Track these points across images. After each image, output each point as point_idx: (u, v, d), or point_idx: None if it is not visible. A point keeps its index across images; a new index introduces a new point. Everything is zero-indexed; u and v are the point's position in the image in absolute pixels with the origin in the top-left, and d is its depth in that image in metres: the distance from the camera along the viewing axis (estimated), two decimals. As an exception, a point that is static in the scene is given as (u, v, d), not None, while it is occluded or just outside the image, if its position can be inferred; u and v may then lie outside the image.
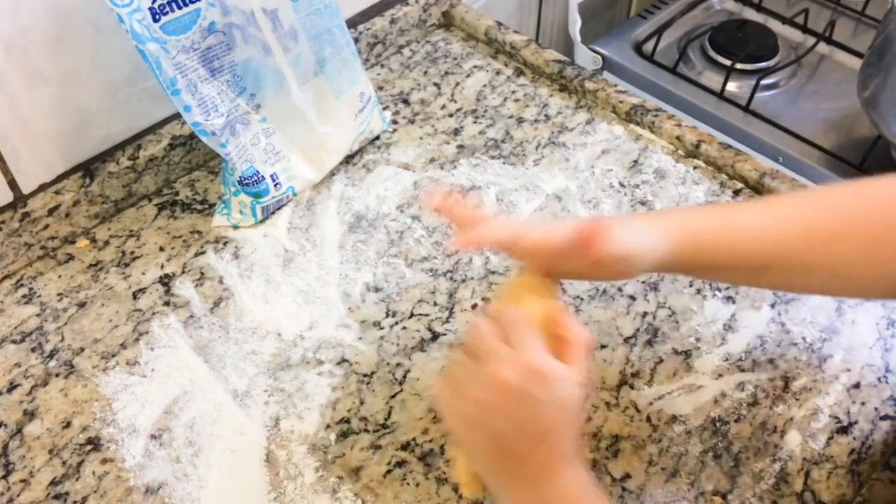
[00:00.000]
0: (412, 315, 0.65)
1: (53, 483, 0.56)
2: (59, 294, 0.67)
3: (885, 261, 0.47)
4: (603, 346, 0.63)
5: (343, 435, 0.58)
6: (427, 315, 0.65)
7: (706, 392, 0.60)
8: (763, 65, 1.02)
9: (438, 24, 0.94)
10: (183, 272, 0.68)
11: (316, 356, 0.62)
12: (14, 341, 0.64)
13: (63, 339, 0.64)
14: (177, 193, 0.75)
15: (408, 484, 0.55)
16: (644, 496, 0.55)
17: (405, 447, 0.57)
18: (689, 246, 0.49)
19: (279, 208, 0.73)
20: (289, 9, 0.67)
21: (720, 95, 0.98)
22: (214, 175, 0.77)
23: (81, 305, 0.66)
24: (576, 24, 1.07)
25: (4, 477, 0.56)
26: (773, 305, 0.65)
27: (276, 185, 0.71)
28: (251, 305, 0.66)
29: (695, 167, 0.77)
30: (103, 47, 0.66)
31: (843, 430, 0.58)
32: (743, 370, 0.61)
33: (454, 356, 0.47)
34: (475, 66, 0.88)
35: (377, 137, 0.80)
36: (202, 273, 0.68)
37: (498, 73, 0.88)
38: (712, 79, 1.01)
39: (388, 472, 0.56)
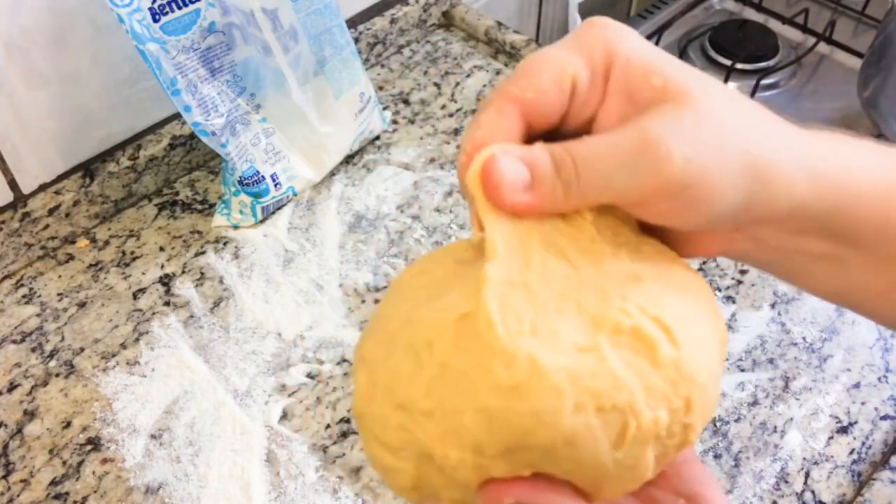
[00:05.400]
0: (412, 315, 0.65)
1: (53, 483, 0.56)
2: (59, 294, 0.67)
3: None
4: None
5: (343, 435, 0.58)
6: (427, 315, 0.65)
7: (706, 392, 0.60)
8: (763, 65, 1.02)
9: (438, 24, 0.94)
10: (183, 272, 0.68)
11: (316, 356, 0.62)
12: (14, 341, 0.64)
13: (63, 339, 0.64)
14: (177, 193, 0.75)
15: (408, 484, 0.55)
16: (644, 496, 0.55)
17: (405, 447, 0.57)
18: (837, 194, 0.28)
19: (279, 208, 0.73)
20: (289, 9, 0.67)
21: (720, 95, 0.98)
22: (214, 175, 0.77)
23: (81, 305, 0.66)
24: (576, 23, 1.07)
25: (4, 477, 0.56)
26: (773, 305, 0.65)
27: (276, 185, 0.71)
28: (251, 305, 0.66)
29: (695, 167, 0.77)
30: (103, 47, 0.66)
31: (843, 430, 0.58)
32: (743, 370, 0.61)
33: None
34: (475, 66, 0.88)
35: (377, 137, 0.80)
36: (202, 273, 0.68)
37: (498, 73, 0.88)
38: (712, 79, 1.01)
39: (389, 472, 0.56)
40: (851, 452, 0.57)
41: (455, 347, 0.26)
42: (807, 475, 0.56)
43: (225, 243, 0.71)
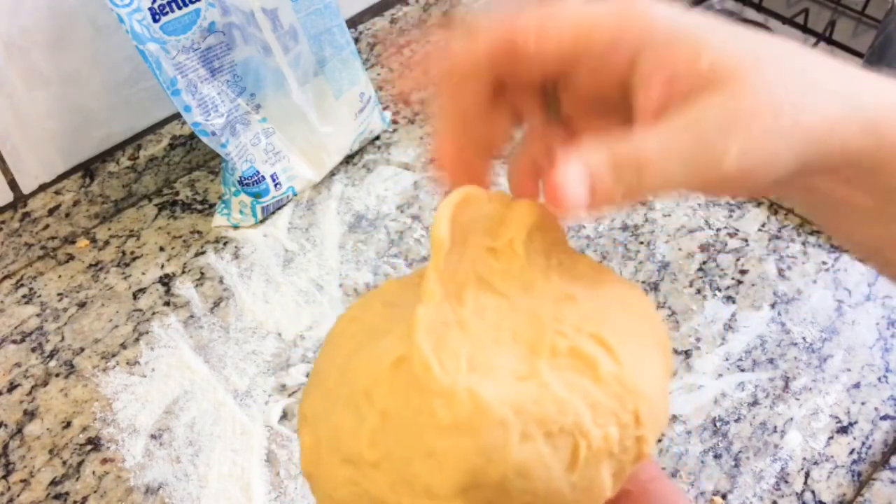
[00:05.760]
0: (412, 315, 0.65)
1: (53, 483, 0.56)
2: (59, 294, 0.67)
3: None
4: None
5: (343, 435, 0.58)
6: (427, 315, 0.65)
7: (706, 392, 0.60)
8: (763, 65, 1.02)
9: (438, 24, 0.94)
10: (183, 272, 0.68)
11: (316, 356, 0.62)
12: (14, 341, 0.64)
13: (63, 339, 0.64)
14: (177, 193, 0.75)
15: (408, 484, 0.55)
16: (644, 496, 0.54)
17: (405, 447, 0.57)
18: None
19: (279, 208, 0.73)
20: (289, 8, 0.67)
21: (720, 95, 0.98)
22: (214, 175, 0.77)
23: (81, 305, 0.66)
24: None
25: (4, 477, 0.56)
26: (773, 305, 0.65)
27: (276, 185, 0.71)
28: (251, 305, 0.66)
29: (695, 167, 0.77)
30: (103, 47, 0.66)
31: (843, 430, 0.58)
32: (743, 370, 0.61)
33: None
34: (475, 66, 0.88)
35: (377, 137, 0.80)
36: (202, 273, 0.68)
37: (498, 73, 0.88)
38: (712, 79, 1.01)
39: (389, 472, 0.56)
40: (851, 452, 0.57)
41: (393, 393, 0.25)
42: (807, 475, 0.56)
43: (225, 243, 0.71)
